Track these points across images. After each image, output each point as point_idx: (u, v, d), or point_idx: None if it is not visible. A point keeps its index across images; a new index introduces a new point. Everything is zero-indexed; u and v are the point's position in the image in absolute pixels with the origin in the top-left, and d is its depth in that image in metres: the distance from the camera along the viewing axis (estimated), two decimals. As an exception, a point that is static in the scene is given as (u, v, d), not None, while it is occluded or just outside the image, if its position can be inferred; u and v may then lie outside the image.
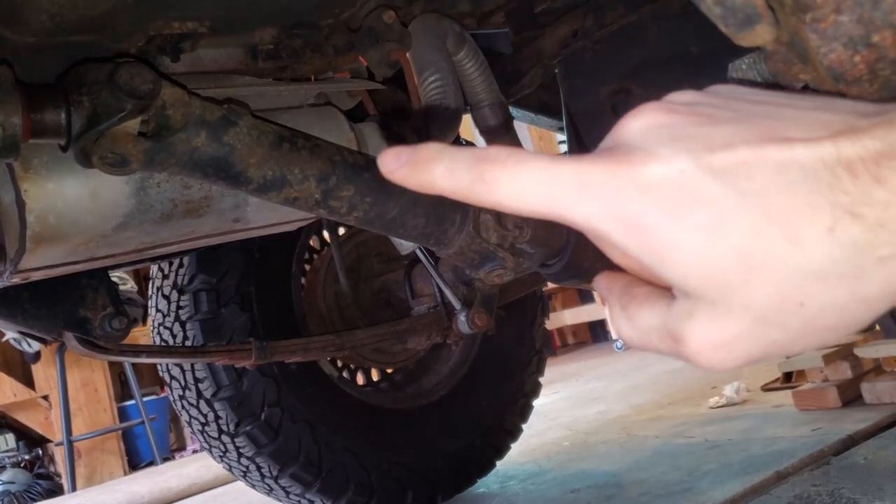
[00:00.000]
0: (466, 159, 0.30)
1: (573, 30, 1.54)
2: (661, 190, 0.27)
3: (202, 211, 1.02)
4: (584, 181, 0.29)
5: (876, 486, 1.37)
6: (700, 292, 0.28)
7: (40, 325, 1.22)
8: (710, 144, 0.28)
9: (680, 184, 0.27)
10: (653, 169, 0.28)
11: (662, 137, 0.29)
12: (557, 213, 0.29)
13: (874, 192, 0.26)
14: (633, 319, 0.32)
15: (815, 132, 0.27)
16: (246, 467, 1.70)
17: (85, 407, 4.50)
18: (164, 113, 0.81)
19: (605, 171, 0.28)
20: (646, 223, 0.28)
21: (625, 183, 0.28)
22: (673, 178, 0.27)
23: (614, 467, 1.97)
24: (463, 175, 0.30)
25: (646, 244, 0.28)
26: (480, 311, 1.54)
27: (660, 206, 0.27)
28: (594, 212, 0.29)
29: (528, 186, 0.29)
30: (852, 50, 0.38)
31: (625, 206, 0.28)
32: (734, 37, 0.41)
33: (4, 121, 0.75)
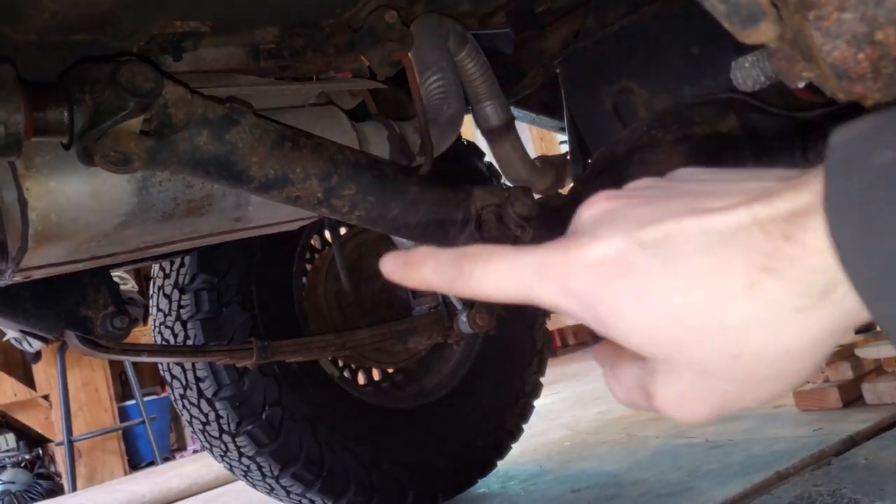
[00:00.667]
0: (449, 258, 0.35)
1: (574, 30, 1.54)
2: (601, 266, 0.31)
3: (204, 210, 1.02)
4: (542, 266, 0.33)
5: (877, 487, 1.37)
6: (649, 352, 0.31)
7: (42, 324, 1.22)
8: (642, 222, 0.31)
9: (615, 258, 0.31)
10: (594, 248, 0.31)
11: (604, 221, 0.33)
12: (525, 296, 0.33)
13: (785, 248, 0.28)
14: (619, 378, 0.35)
15: (734, 200, 0.30)
16: (247, 467, 1.70)
17: (85, 407, 4.50)
18: (166, 111, 0.81)
19: (558, 255, 0.32)
20: (592, 296, 0.31)
21: (573, 263, 0.32)
22: (610, 254, 0.31)
23: (615, 467, 1.97)
24: (447, 271, 0.35)
25: (595, 315, 0.32)
26: (481, 311, 1.55)
27: (601, 279, 0.31)
28: (553, 292, 0.33)
29: (499, 277, 0.34)
30: (856, 47, 0.38)
31: (574, 284, 0.32)
32: (738, 34, 0.42)
33: (7, 119, 0.75)
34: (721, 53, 1.28)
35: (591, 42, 1.45)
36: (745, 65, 0.45)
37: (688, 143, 1.18)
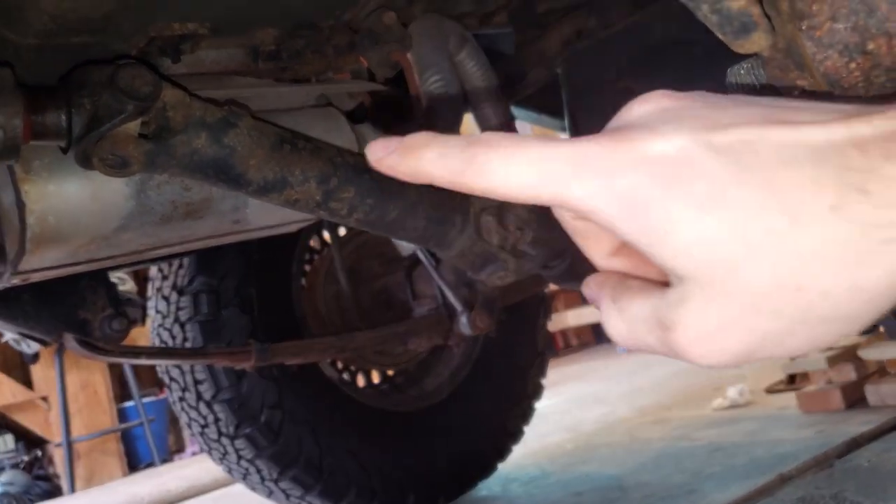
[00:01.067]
0: (458, 144, 0.29)
1: (576, 30, 1.53)
2: (659, 165, 0.27)
3: (202, 213, 1.02)
4: (581, 159, 0.28)
5: (880, 489, 1.37)
6: (693, 273, 0.27)
7: (40, 327, 1.21)
8: (714, 124, 0.27)
9: (679, 159, 0.26)
10: (652, 145, 0.27)
11: (666, 118, 0.28)
12: (552, 193, 0.28)
13: (884, 168, 0.25)
14: (623, 311, 0.30)
15: (827, 116, 0.27)
16: (246, 470, 1.69)
17: (84, 408, 4.49)
18: (164, 114, 0.81)
19: (603, 148, 0.28)
20: (642, 198, 0.27)
21: (623, 158, 0.27)
22: (672, 153, 0.27)
23: (618, 470, 1.96)
24: (454, 160, 0.29)
25: (640, 222, 0.27)
26: (482, 312, 1.54)
27: (657, 181, 0.27)
28: (590, 190, 0.28)
29: (522, 169, 0.28)
30: (848, 57, 0.38)
31: (621, 181, 0.27)
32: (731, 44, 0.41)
33: (5, 122, 0.75)
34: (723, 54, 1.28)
35: (593, 42, 1.44)
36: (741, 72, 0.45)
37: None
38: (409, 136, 0.31)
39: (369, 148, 0.31)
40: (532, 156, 0.28)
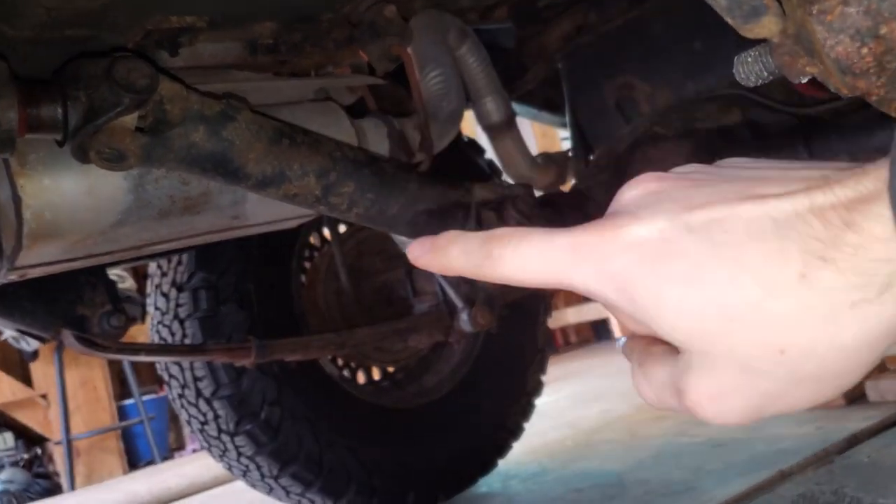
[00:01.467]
0: (477, 240, 0.34)
1: (576, 25, 1.52)
2: (642, 248, 0.30)
3: (200, 207, 1.01)
4: (577, 247, 0.31)
5: (880, 485, 1.36)
6: (688, 345, 0.30)
7: (38, 323, 1.21)
8: (690, 205, 0.30)
9: (659, 241, 0.29)
10: (635, 229, 0.30)
11: (648, 202, 0.31)
12: (557, 280, 0.32)
13: (845, 236, 0.27)
14: (648, 377, 0.33)
15: (791, 187, 0.29)
16: (246, 466, 1.68)
17: (84, 406, 4.49)
18: (161, 108, 0.80)
19: (594, 236, 0.31)
20: (631, 279, 0.30)
21: (611, 245, 0.30)
22: (653, 236, 0.30)
23: (617, 467, 1.96)
24: (474, 255, 0.34)
25: (633, 300, 0.30)
26: (483, 309, 1.53)
27: (642, 262, 0.30)
28: (587, 276, 0.31)
29: (530, 260, 0.32)
30: (859, 42, 0.37)
31: (612, 265, 0.30)
32: (740, 28, 0.41)
33: (0, 116, 0.74)
34: (724, 49, 1.27)
35: (594, 37, 1.44)
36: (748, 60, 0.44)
37: (690, 138, 1.17)
38: (438, 237, 0.35)
39: (409, 249, 0.36)
40: (536, 248, 0.32)
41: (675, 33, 1.33)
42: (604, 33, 1.43)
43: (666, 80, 1.35)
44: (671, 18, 1.34)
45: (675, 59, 1.33)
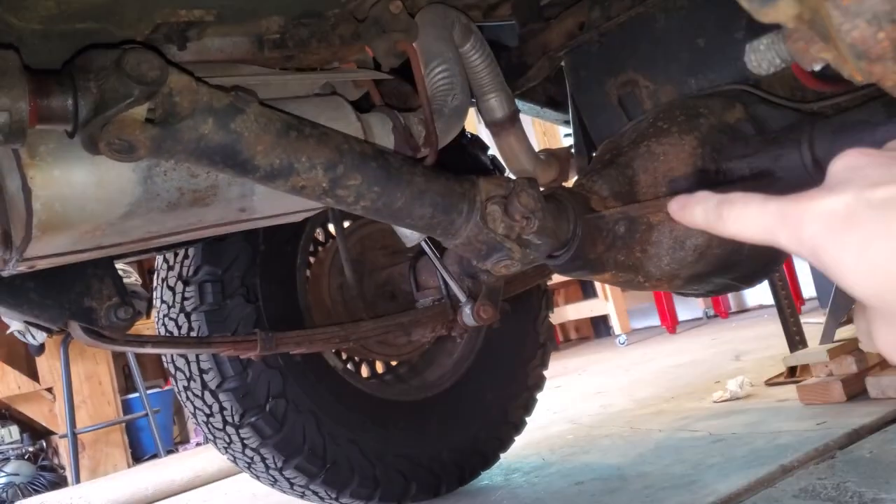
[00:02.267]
0: (713, 203, 0.40)
1: (579, 22, 1.53)
2: (830, 218, 0.34)
3: (208, 200, 1.02)
4: (782, 213, 0.36)
5: (882, 480, 1.37)
6: (869, 303, 0.34)
7: (46, 315, 1.22)
8: (876, 181, 0.34)
9: (844, 213, 0.34)
10: (826, 202, 0.35)
11: (845, 177, 0.36)
12: (769, 240, 0.37)
13: None
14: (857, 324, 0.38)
15: None
16: (250, 458, 1.70)
17: (89, 399, 4.51)
18: (171, 100, 0.81)
19: (797, 204, 0.36)
20: (819, 244, 0.34)
21: (806, 213, 0.35)
22: (838, 208, 0.34)
23: (618, 460, 1.96)
24: (711, 214, 0.40)
25: (822, 262, 0.35)
26: (485, 303, 1.54)
27: (829, 230, 0.34)
28: (789, 238, 0.36)
29: (749, 221, 0.38)
30: (876, 27, 0.37)
31: (805, 231, 0.35)
32: (756, 12, 0.41)
33: (11, 106, 0.75)
34: (727, 45, 1.28)
35: (597, 34, 1.44)
36: (761, 47, 0.45)
37: (694, 133, 1.17)
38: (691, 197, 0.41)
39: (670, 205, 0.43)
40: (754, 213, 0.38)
41: (679, 30, 1.34)
42: (607, 30, 1.43)
43: (669, 76, 1.35)
44: (674, 15, 1.35)
45: (679, 56, 1.34)
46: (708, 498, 1.49)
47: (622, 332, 5.04)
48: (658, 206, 1.12)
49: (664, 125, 1.20)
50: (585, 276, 1.20)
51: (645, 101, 1.38)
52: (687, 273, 1.16)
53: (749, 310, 5.18)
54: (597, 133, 1.48)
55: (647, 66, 1.38)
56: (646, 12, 1.37)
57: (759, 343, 3.39)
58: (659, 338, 4.89)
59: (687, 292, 1.30)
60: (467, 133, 1.92)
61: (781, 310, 2.60)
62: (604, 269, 1.14)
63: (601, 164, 1.23)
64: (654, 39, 1.36)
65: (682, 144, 1.17)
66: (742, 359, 3.15)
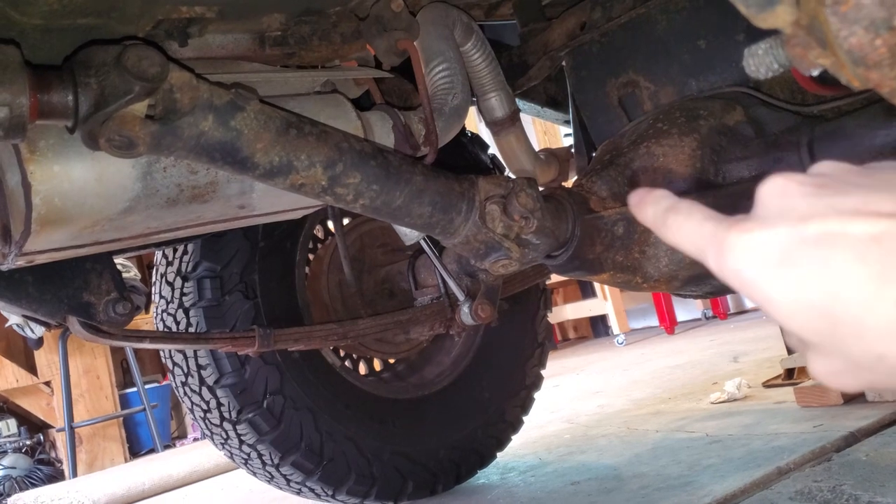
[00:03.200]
0: (662, 207, 0.40)
1: (581, 22, 1.53)
2: (759, 252, 0.34)
3: (208, 196, 1.02)
4: (715, 238, 0.36)
5: (878, 483, 1.37)
6: (801, 337, 0.34)
7: (44, 309, 1.22)
8: (808, 214, 0.33)
9: (775, 248, 0.33)
10: (757, 235, 0.34)
11: (774, 207, 0.35)
12: (700, 259, 0.37)
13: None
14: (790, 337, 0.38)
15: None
16: (247, 455, 1.70)
17: (87, 393, 4.51)
18: (171, 96, 0.81)
19: (724, 231, 0.35)
20: (748, 278, 0.34)
21: (732, 244, 0.35)
22: (771, 243, 0.33)
23: (614, 460, 1.97)
24: (658, 218, 0.40)
25: (751, 296, 0.34)
26: (484, 302, 1.54)
27: (758, 265, 0.34)
28: (715, 264, 0.36)
29: (686, 236, 0.38)
30: (874, 33, 0.37)
31: (734, 263, 0.35)
32: (754, 18, 0.41)
33: (11, 101, 0.75)
34: (728, 47, 1.28)
35: (598, 35, 1.44)
36: (759, 52, 0.45)
37: (694, 135, 1.18)
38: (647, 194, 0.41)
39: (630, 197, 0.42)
40: (692, 230, 0.38)
41: (680, 31, 1.34)
42: (608, 31, 1.43)
43: (669, 78, 1.35)
44: (675, 17, 1.35)
45: (679, 58, 1.34)
46: (704, 499, 1.50)
47: (620, 333, 5.04)
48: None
49: (664, 126, 1.20)
50: (583, 277, 1.20)
51: (645, 102, 1.38)
52: (685, 274, 1.16)
53: (747, 311, 5.19)
54: (597, 133, 1.48)
55: (647, 67, 1.38)
56: (647, 13, 1.37)
57: (757, 345, 3.39)
58: (657, 338, 4.90)
59: (685, 293, 1.30)
60: (467, 132, 1.92)
61: (780, 312, 2.60)
62: (602, 269, 1.14)
63: (601, 164, 1.24)
64: (655, 41, 1.36)
65: (682, 146, 1.17)
66: (740, 360, 3.15)
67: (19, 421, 4.55)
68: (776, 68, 0.45)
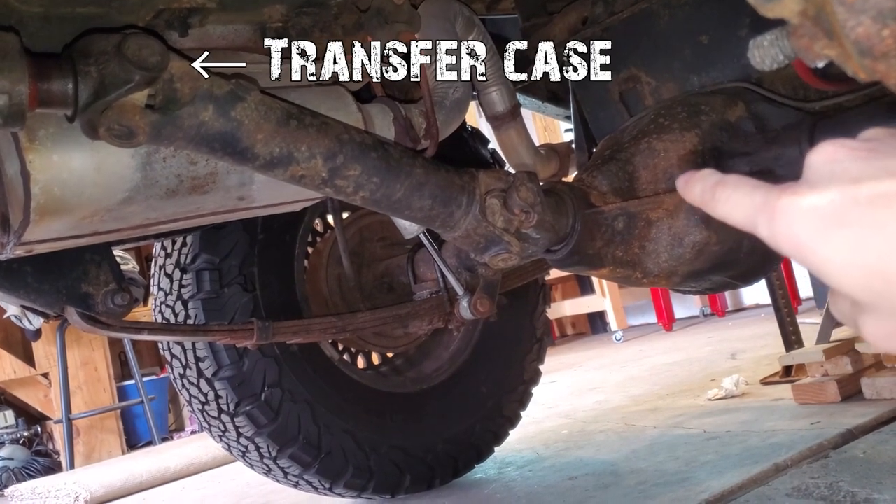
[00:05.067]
0: (712, 181, 0.40)
1: (582, 17, 1.52)
2: (813, 214, 0.34)
3: (207, 187, 1.02)
4: (767, 206, 0.36)
5: (875, 480, 1.38)
6: (855, 298, 0.34)
7: (42, 300, 1.21)
8: (860, 177, 0.33)
9: (829, 210, 0.33)
10: (810, 198, 0.34)
11: (825, 171, 0.35)
12: (750, 229, 0.37)
13: None
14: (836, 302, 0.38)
15: None
16: (245, 447, 1.70)
17: (84, 385, 4.51)
18: (171, 86, 0.80)
19: (779, 198, 0.35)
20: (802, 241, 0.34)
21: (784, 209, 0.35)
22: (824, 205, 0.34)
23: (612, 456, 1.97)
24: (707, 193, 0.40)
25: (805, 259, 0.34)
26: (483, 297, 1.54)
27: (812, 227, 0.34)
28: (766, 232, 0.36)
29: (736, 207, 0.38)
30: (881, 23, 0.37)
31: (790, 228, 0.35)
32: (761, 7, 0.41)
33: (10, 88, 0.75)
34: (729, 43, 1.27)
35: (599, 30, 1.43)
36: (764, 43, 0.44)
37: (695, 130, 1.17)
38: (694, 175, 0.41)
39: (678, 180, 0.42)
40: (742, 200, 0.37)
41: (681, 27, 1.33)
42: (610, 26, 1.42)
43: (671, 73, 1.35)
44: (677, 12, 1.34)
45: (681, 53, 1.34)
46: (701, 495, 1.50)
47: (619, 329, 5.05)
48: (657, 203, 1.12)
49: (665, 122, 1.20)
50: (583, 272, 1.20)
51: (647, 98, 1.38)
52: (685, 270, 1.16)
53: (746, 308, 5.19)
54: (598, 129, 1.48)
55: (649, 62, 1.38)
56: (649, 8, 1.37)
57: (755, 342, 3.40)
58: (655, 335, 4.90)
59: (684, 289, 1.30)
60: (468, 126, 1.91)
61: (778, 309, 2.61)
62: (602, 264, 1.14)
63: (601, 159, 1.23)
64: (656, 36, 1.36)
65: (683, 141, 1.17)
66: (738, 357, 3.15)
67: (17, 412, 4.55)
68: (782, 60, 0.45)
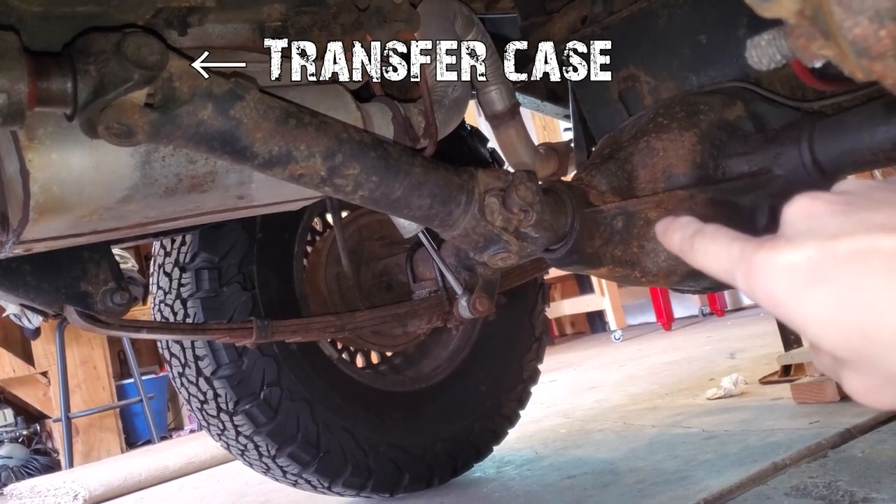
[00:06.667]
0: (689, 231, 0.40)
1: (582, 16, 1.52)
2: (791, 271, 0.33)
3: (207, 186, 1.02)
4: (744, 260, 0.36)
5: (873, 479, 1.38)
6: (836, 355, 0.34)
7: (42, 298, 1.22)
8: (838, 233, 0.33)
9: (807, 267, 0.33)
10: (787, 254, 0.34)
11: (803, 227, 0.35)
12: (729, 281, 0.37)
13: None
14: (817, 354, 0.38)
15: None
16: (244, 446, 1.70)
17: (84, 384, 4.51)
18: (171, 85, 0.81)
19: (751, 252, 0.35)
20: (780, 298, 0.34)
21: (761, 265, 0.35)
22: (801, 262, 0.33)
23: (611, 455, 1.97)
24: (686, 243, 0.40)
25: (783, 315, 0.34)
26: (482, 296, 1.54)
27: (790, 284, 0.33)
28: (744, 285, 0.36)
29: (713, 258, 0.38)
30: (878, 24, 0.37)
31: (765, 284, 0.34)
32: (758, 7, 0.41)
33: (10, 87, 0.75)
34: (728, 42, 1.27)
35: (599, 29, 1.43)
36: (762, 43, 0.45)
37: (694, 130, 1.17)
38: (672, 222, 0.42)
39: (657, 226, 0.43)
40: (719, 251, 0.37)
41: (681, 26, 1.33)
42: (609, 25, 1.43)
43: (670, 72, 1.35)
44: (676, 11, 1.34)
45: (680, 52, 1.34)
46: (700, 494, 1.50)
47: (617, 328, 5.05)
48: (656, 202, 1.12)
49: (664, 121, 1.20)
50: (582, 271, 1.20)
51: (646, 97, 1.38)
52: (684, 269, 1.16)
53: (745, 308, 5.20)
54: (597, 128, 1.48)
55: (648, 61, 1.38)
56: (648, 8, 1.37)
57: (754, 341, 3.40)
58: (654, 334, 4.91)
59: (683, 289, 1.30)
60: (467, 125, 1.91)
61: (777, 309, 2.61)
62: (601, 263, 1.14)
63: (600, 158, 1.23)
64: (656, 35, 1.36)
65: (682, 140, 1.17)
66: (737, 357, 3.16)
67: (16, 411, 4.55)
68: (779, 59, 0.45)
